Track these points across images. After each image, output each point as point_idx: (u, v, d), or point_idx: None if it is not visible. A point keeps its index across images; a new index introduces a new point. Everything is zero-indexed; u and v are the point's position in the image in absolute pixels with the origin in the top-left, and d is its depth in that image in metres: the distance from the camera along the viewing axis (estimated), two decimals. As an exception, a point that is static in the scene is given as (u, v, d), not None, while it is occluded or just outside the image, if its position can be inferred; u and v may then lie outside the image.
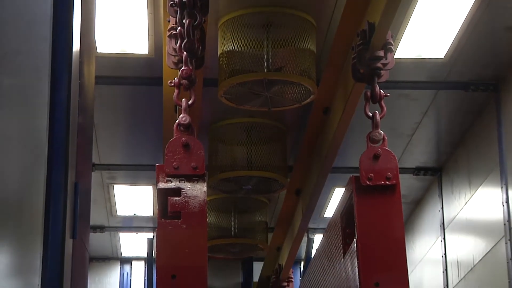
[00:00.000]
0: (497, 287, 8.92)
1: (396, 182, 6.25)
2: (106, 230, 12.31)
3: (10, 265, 4.94)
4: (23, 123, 5.09)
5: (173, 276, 6.03)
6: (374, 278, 6.12)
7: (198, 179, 6.19)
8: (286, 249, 10.75)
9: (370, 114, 6.35)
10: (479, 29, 7.94)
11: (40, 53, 5.07)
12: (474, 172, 9.68)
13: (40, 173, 5.03)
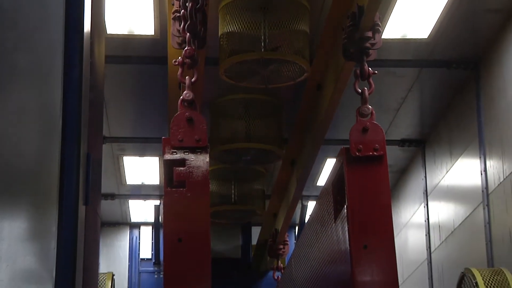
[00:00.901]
0: (475, 249, 8.94)
1: (383, 153, 6.25)
2: (116, 198, 12.32)
3: (28, 230, 4.94)
4: (38, 98, 5.07)
5: (179, 239, 6.04)
6: (363, 241, 6.13)
7: (201, 151, 6.18)
8: (281, 215, 10.77)
9: (359, 90, 6.35)
10: (460, 11, 7.93)
11: (53, 34, 5.04)
12: (454, 144, 9.69)
13: (55, 145, 5.01)
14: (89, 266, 5.43)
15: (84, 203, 5.17)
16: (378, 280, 6.10)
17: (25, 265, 4.89)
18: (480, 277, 7.34)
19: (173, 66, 6.45)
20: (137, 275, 13.09)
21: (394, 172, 11.54)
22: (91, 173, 5.31)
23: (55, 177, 4.98)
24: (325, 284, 7.19)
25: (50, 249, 4.90)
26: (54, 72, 5.09)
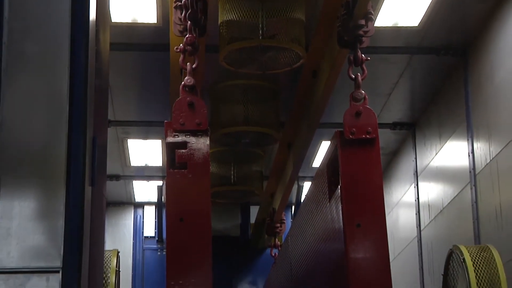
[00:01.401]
0: (463, 227, 8.96)
1: (375, 136, 6.26)
2: (121, 179, 12.34)
3: (37, 210, 4.95)
4: (46, 85, 5.07)
5: (181, 219, 6.05)
6: (356, 220, 6.14)
7: (202, 134, 6.19)
8: (279, 195, 10.79)
9: (353, 76, 6.34)
10: (449, 0, 7.92)
11: (60, 23, 5.04)
12: (443, 127, 9.69)
13: (62, 129, 5.02)
14: (95, 244, 5.45)
15: (90, 184, 5.18)
16: (370, 256, 6.11)
17: (34, 243, 4.90)
18: (467, 253, 7.36)
19: (175, 53, 6.45)
20: (141, 252, 13.13)
21: (386, 154, 11.56)
22: (97, 156, 5.31)
23: (62, 160, 4.99)
24: (320, 260, 7.22)
25: (58, 228, 4.92)
26: (61, 59, 5.09)
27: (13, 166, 4.98)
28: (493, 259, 7.25)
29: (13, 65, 5.06)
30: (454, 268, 7.58)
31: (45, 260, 4.87)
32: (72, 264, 4.87)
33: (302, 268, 8.17)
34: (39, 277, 4.84)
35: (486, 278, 7.18)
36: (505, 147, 7.93)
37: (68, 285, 4.85)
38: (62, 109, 5.04)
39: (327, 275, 6.90)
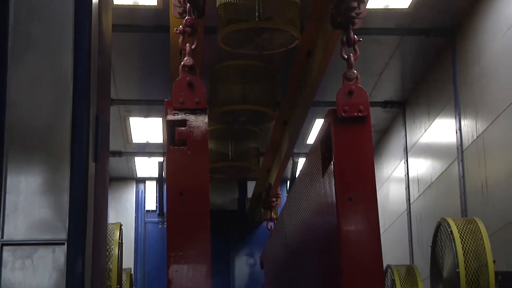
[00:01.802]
0: (450, 200, 8.99)
1: (367, 114, 6.26)
2: (124, 155, 12.34)
3: (42, 185, 4.95)
4: (51, 64, 5.06)
5: (181, 193, 6.06)
6: (348, 194, 6.16)
7: (201, 112, 6.19)
8: (274, 171, 10.80)
9: (346, 56, 6.34)
10: (438, -17, 7.92)
11: (64, 5, 5.03)
12: (432, 105, 9.70)
13: (67, 107, 5.01)
14: (99, 217, 5.46)
15: (93, 160, 5.18)
16: (362, 229, 6.13)
17: (40, 216, 4.91)
18: (454, 226, 7.38)
19: (175, 34, 6.43)
20: (143, 225, 13.15)
21: (377, 131, 11.56)
22: (100, 133, 5.31)
23: (67, 137, 4.99)
24: (313, 233, 7.24)
25: (63, 202, 4.92)
26: (65, 40, 5.07)
27: (20, 143, 4.98)
28: (479, 231, 7.27)
29: (19, 46, 5.05)
30: (442, 240, 7.60)
31: (51, 233, 4.88)
32: (77, 236, 4.88)
33: (297, 240, 8.19)
34: (45, 249, 4.85)
35: (472, 249, 7.21)
36: (491, 124, 7.94)
37: (73, 257, 4.86)
38: (66, 88, 5.03)
39: (320, 246, 6.93)
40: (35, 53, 5.04)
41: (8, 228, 4.86)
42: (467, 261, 7.14)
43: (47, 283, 4.81)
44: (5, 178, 4.92)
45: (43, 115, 5.01)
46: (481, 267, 7.12)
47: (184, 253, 5.94)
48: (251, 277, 12.83)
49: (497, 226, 7.63)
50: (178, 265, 5.91)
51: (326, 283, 6.74)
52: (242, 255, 13.00)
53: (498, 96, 7.74)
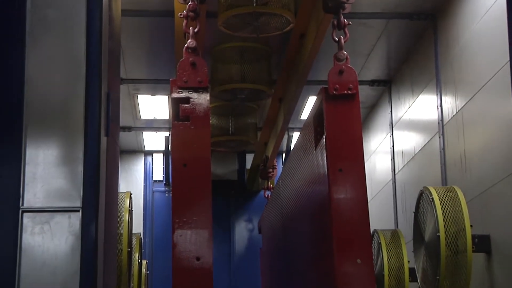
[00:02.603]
0: (432, 170, 9.01)
1: (356, 91, 6.24)
2: (133, 130, 12.34)
3: (59, 157, 4.96)
4: (66, 46, 5.05)
5: (185, 164, 6.06)
6: (338, 165, 6.16)
7: (203, 90, 6.17)
8: (271, 144, 10.81)
9: (336, 38, 6.31)
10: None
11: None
12: (415, 83, 9.69)
13: (80, 86, 5.01)
14: (111, 187, 5.48)
15: (105, 134, 5.18)
16: (351, 197, 6.14)
17: (57, 186, 4.92)
18: (435, 194, 7.41)
19: (179, 18, 6.40)
20: (150, 194, 13.18)
21: (365, 107, 11.57)
22: (111, 109, 5.31)
23: (80, 113, 4.99)
24: (306, 200, 7.25)
25: (77, 173, 4.94)
26: (78, 24, 5.06)
27: (38, 118, 4.98)
28: (458, 199, 7.30)
29: (36, 29, 5.04)
30: (424, 206, 7.64)
31: (67, 201, 4.89)
32: (90, 204, 4.90)
33: (291, 208, 8.22)
34: (61, 215, 4.87)
35: (451, 215, 7.24)
36: (469, 101, 7.94)
37: (87, 222, 4.88)
38: (79, 68, 5.03)
39: (312, 213, 6.95)
40: (50, 35, 5.03)
41: (28, 196, 4.88)
42: (447, 226, 7.18)
43: (63, 246, 4.83)
44: (24, 150, 4.93)
45: (58, 93, 5.01)
46: (459, 231, 7.15)
47: (187, 219, 5.95)
48: (250, 241, 12.88)
49: (474, 193, 7.66)
50: (182, 230, 5.93)
51: (318, 245, 6.77)
52: (241, 221, 13.04)
53: (476, 74, 7.74)
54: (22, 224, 4.84)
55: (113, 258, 5.73)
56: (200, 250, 5.88)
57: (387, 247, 8.75)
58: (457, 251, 7.11)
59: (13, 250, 4.81)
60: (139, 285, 9.25)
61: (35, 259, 4.81)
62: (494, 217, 7.28)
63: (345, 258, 5.97)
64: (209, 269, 5.85)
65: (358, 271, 5.95)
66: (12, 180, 4.89)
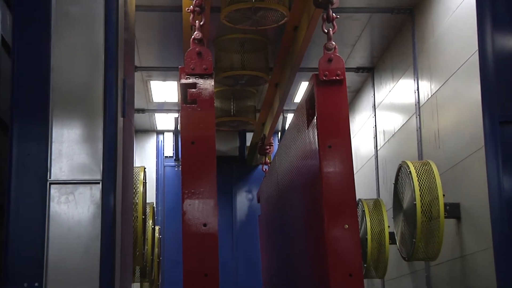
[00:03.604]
0: (409, 147, 9.01)
1: (343, 77, 6.24)
2: (146, 112, 12.32)
3: (81, 135, 4.96)
4: (86, 38, 5.03)
5: (192, 142, 6.07)
6: (328, 142, 6.17)
7: (208, 77, 6.17)
8: (268, 124, 10.80)
9: (326, 30, 6.30)
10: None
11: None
12: (395, 70, 9.67)
13: (99, 72, 5.00)
14: (127, 162, 5.48)
15: (122, 115, 5.18)
16: (339, 171, 6.16)
17: (80, 161, 4.92)
18: (412, 167, 7.43)
19: (187, 13, 6.38)
20: (162, 168, 13.19)
21: (351, 91, 11.55)
22: (127, 93, 5.30)
23: (100, 97, 4.98)
24: (299, 173, 7.27)
25: (98, 149, 4.94)
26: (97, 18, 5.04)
27: (62, 102, 4.97)
28: (432, 171, 7.32)
29: (60, 23, 5.02)
30: (402, 178, 7.65)
31: (88, 174, 4.89)
32: (109, 177, 4.90)
33: (286, 180, 8.23)
34: (84, 187, 4.87)
35: (426, 185, 7.26)
36: (442, 85, 7.93)
37: (106, 193, 4.89)
38: (99, 57, 5.01)
39: (305, 185, 6.96)
40: (73, 29, 5.01)
41: (54, 170, 4.88)
42: (422, 195, 7.20)
43: (86, 214, 4.84)
44: (51, 130, 4.93)
45: (80, 79, 4.99)
46: (433, 199, 7.18)
47: (195, 190, 5.97)
48: (250, 209, 12.92)
49: (446, 167, 7.67)
50: (190, 200, 5.94)
51: (310, 213, 6.79)
52: (242, 192, 13.06)
53: (448, 62, 7.72)
54: (49, 194, 4.84)
55: (129, 224, 5.74)
56: (206, 217, 5.90)
57: (370, 214, 8.79)
58: (431, 217, 7.13)
59: (42, 218, 4.82)
60: (153, 248, 9.28)
61: (62, 225, 4.82)
62: (464, 187, 7.30)
63: (334, 224, 6.00)
64: (215, 234, 5.87)
65: (345, 235, 5.98)
66: (40, 156, 4.89)
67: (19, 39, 5.00)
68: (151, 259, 9.19)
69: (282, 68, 9.08)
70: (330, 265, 5.89)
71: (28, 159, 4.88)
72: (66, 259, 4.75)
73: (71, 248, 4.78)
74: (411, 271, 8.87)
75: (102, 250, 4.78)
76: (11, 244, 4.79)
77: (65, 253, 4.77)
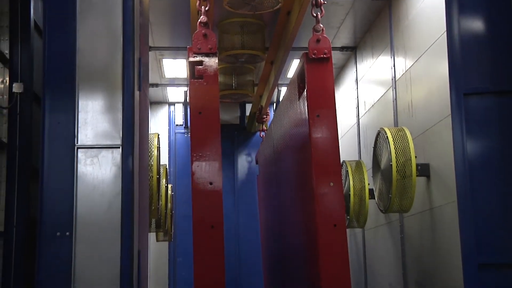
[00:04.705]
0: (386, 115, 9.01)
1: (329, 55, 6.24)
2: (159, 86, 12.28)
3: (103, 106, 4.97)
4: (107, 23, 5.01)
5: (200, 112, 6.08)
6: (316, 112, 6.18)
7: (213, 55, 6.15)
8: (265, 96, 10.79)
9: (315, 14, 6.27)
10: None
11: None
12: (375, 48, 9.62)
13: (118, 52, 4.99)
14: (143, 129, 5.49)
15: (138, 89, 5.18)
16: (326, 136, 6.19)
17: (103, 128, 4.94)
18: (389, 133, 7.44)
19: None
20: (173, 135, 13.19)
21: (336, 67, 11.50)
22: (142, 70, 5.30)
23: (119, 73, 4.98)
24: (291, 139, 7.29)
25: (118, 118, 4.95)
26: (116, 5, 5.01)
27: (87, 78, 4.97)
28: (406, 136, 7.34)
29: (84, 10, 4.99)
30: (380, 142, 7.67)
31: (110, 140, 4.92)
32: (128, 142, 4.92)
33: (280, 144, 8.26)
34: (106, 151, 4.90)
35: (401, 148, 7.28)
36: (415, 62, 7.91)
37: (126, 156, 4.92)
38: (117, 39, 4.99)
39: (296, 148, 7.00)
40: (95, 14, 4.99)
41: (81, 136, 4.90)
42: (397, 157, 7.23)
43: (108, 174, 4.88)
44: (77, 102, 4.94)
45: (102, 58, 4.99)
46: (406, 160, 7.21)
47: (202, 154, 6.00)
48: (249, 170, 12.96)
49: (418, 132, 7.69)
50: (198, 162, 5.98)
51: (301, 172, 6.83)
52: (242, 155, 13.08)
53: (420, 42, 7.69)
54: (77, 158, 4.87)
55: (146, 182, 5.79)
56: (212, 177, 5.94)
57: (352, 174, 8.83)
58: (404, 176, 7.17)
59: (71, 178, 4.86)
60: (166, 203, 9.35)
61: (88, 184, 4.86)
62: (433, 150, 7.33)
63: (321, 182, 6.05)
64: (219, 191, 5.92)
65: (331, 191, 6.04)
66: (69, 124, 4.92)
67: (49, 23, 4.98)
68: (165, 212, 9.26)
69: (276, 48, 9.04)
70: (317, 217, 5.95)
71: (58, 127, 4.90)
72: (92, 212, 4.81)
73: (96, 203, 4.83)
74: (387, 222, 8.95)
75: (122, 205, 4.83)
76: (45, 201, 4.84)
77: (91, 208, 4.82)
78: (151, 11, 7.27)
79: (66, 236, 4.76)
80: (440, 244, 7.08)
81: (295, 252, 7.21)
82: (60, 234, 4.77)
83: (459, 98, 5.33)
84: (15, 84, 6.02)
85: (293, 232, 7.32)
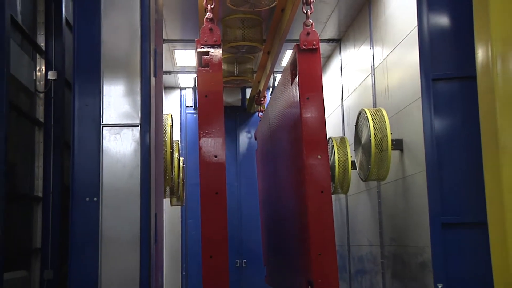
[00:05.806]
0: (367, 98, 9.01)
1: (318, 47, 6.23)
2: (172, 73, 12.25)
3: (124, 90, 4.97)
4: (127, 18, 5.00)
5: (206, 96, 6.08)
6: (306, 95, 6.19)
7: (217, 47, 6.14)
8: (262, 81, 10.77)
9: (305, 11, 6.24)
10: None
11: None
12: (357, 40, 9.59)
13: (137, 44, 4.98)
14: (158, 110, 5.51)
15: (154, 75, 5.19)
16: (314, 116, 6.21)
17: (124, 110, 4.96)
18: (368, 113, 7.46)
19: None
20: (185, 115, 13.19)
21: (324, 57, 11.46)
22: (157, 59, 5.30)
23: (137, 62, 4.98)
24: (285, 118, 7.31)
25: (136, 101, 4.97)
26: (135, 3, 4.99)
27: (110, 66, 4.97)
28: (383, 116, 7.36)
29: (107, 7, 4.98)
30: (361, 121, 7.70)
31: (130, 119, 4.94)
32: (145, 121, 4.95)
33: (275, 123, 8.28)
34: (127, 129, 4.93)
35: (379, 126, 7.31)
36: (391, 52, 7.90)
37: (144, 133, 4.94)
38: (136, 32, 4.99)
39: (289, 126, 7.02)
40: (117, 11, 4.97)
41: (106, 116, 4.93)
42: (376, 133, 7.26)
43: (129, 148, 4.91)
44: (102, 87, 4.95)
45: (123, 49, 4.98)
46: (383, 136, 7.24)
47: (208, 131, 6.02)
48: (249, 145, 12.99)
49: (393, 112, 7.71)
50: (205, 138, 6.01)
51: (293, 147, 6.87)
52: (243, 132, 13.10)
53: (395, 35, 7.67)
54: (102, 135, 4.91)
55: (161, 156, 5.83)
56: (217, 151, 5.97)
57: (337, 148, 8.87)
58: (381, 149, 7.22)
59: (98, 152, 4.90)
60: (178, 173, 9.40)
61: (112, 157, 4.89)
62: (406, 127, 7.36)
63: (310, 154, 6.09)
64: (223, 163, 5.96)
65: (319, 163, 6.08)
66: (95, 106, 4.94)
67: (78, 20, 4.98)
68: (177, 181, 9.32)
69: (272, 40, 9.01)
70: (307, 184, 6.01)
71: (86, 108, 4.93)
72: (116, 181, 4.86)
73: (119, 174, 4.87)
74: (367, 189, 9.02)
75: (141, 175, 4.87)
76: (76, 171, 4.88)
77: (115, 177, 4.87)
78: (164, 9, 7.24)
79: (94, 201, 4.83)
80: (411, 207, 7.16)
81: (288, 214, 7.28)
82: (89, 200, 4.84)
83: (428, 83, 5.37)
84: (49, 72, 6.09)
85: (287, 198, 7.39)
